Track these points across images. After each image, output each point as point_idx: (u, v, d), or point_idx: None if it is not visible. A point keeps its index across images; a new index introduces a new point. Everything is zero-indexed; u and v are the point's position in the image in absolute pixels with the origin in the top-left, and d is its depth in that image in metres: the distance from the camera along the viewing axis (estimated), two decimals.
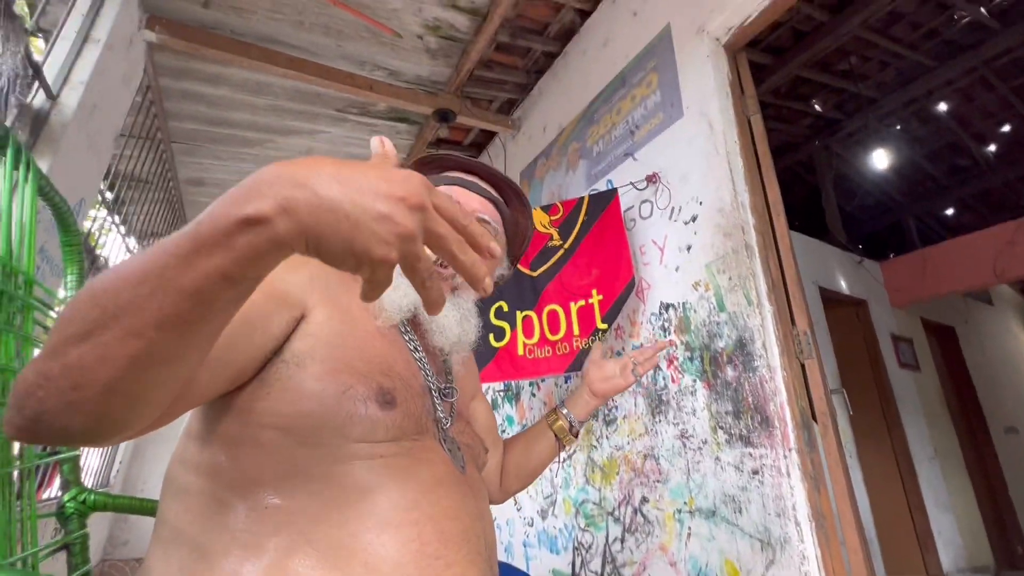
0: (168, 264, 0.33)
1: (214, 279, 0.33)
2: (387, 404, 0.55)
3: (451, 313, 0.68)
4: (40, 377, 0.34)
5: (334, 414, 0.52)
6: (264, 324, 0.53)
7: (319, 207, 0.33)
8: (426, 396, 0.63)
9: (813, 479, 1.27)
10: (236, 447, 0.51)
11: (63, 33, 1.72)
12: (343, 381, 0.54)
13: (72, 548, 0.70)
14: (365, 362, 0.57)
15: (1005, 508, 4.13)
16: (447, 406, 0.67)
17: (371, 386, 0.55)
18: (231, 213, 0.32)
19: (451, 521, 0.54)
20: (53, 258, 1.63)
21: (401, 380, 0.60)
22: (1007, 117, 3.97)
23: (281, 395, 0.52)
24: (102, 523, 4.02)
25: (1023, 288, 5.93)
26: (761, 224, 1.52)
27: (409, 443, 0.56)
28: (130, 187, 2.89)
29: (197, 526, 0.49)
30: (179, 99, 2.82)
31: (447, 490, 0.56)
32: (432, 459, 0.58)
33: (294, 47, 2.54)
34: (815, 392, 1.36)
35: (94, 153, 1.87)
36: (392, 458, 0.54)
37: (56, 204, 0.75)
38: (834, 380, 3.19)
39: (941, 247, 4.20)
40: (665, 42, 1.92)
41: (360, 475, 0.52)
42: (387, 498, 0.51)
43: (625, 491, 1.76)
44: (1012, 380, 5.04)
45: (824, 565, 1.19)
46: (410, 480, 0.54)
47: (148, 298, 0.33)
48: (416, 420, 0.58)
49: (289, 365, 0.54)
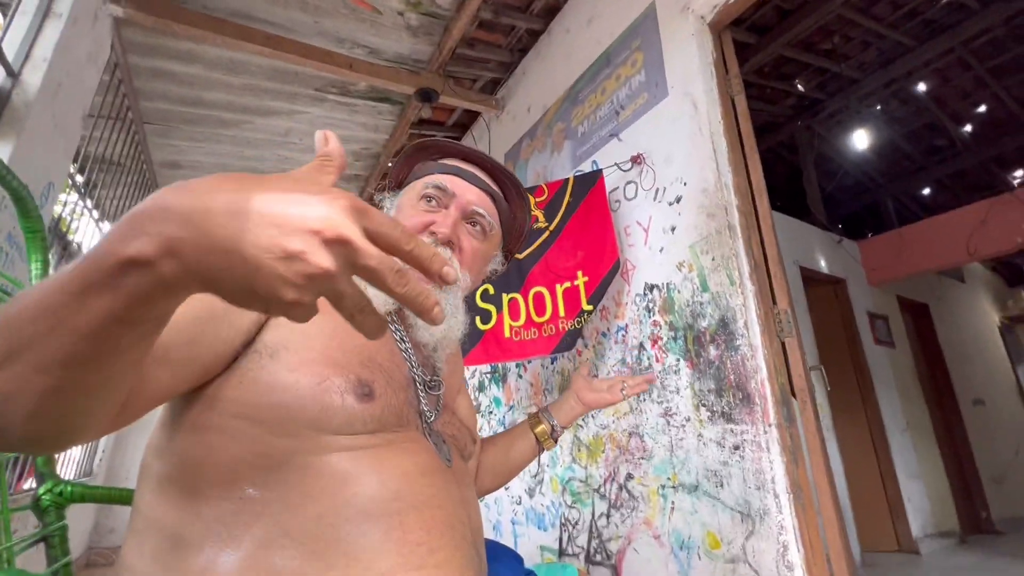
0: (61, 303, 0.31)
1: (107, 321, 0.31)
2: (365, 396, 0.54)
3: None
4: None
5: (308, 406, 0.50)
6: (231, 317, 0.51)
7: (208, 249, 0.28)
8: (409, 388, 0.62)
9: (792, 453, 1.31)
10: (205, 436, 0.50)
11: (22, 7, 1.64)
12: (319, 372, 0.52)
13: (50, 541, 0.69)
14: (344, 352, 0.55)
15: (971, 476, 4.33)
16: (432, 399, 0.65)
17: (348, 377, 0.54)
18: (113, 252, 0.29)
19: (435, 510, 0.53)
20: (23, 244, 1.58)
21: (382, 371, 0.58)
22: (983, 98, 4.04)
23: (252, 386, 0.50)
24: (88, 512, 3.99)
25: (994, 266, 6.12)
26: (744, 205, 1.53)
27: (391, 435, 0.55)
28: (102, 170, 2.80)
29: (171, 517, 0.48)
30: (150, 78, 2.72)
31: (430, 479, 0.55)
32: (415, 449, 0.56)
33: (270, 23, 2.45)
34: (795, 369, 1.40)
35: (61, 134, 1.79)
36: (373, 449, 0.53)
37: (14, 189, 0.72)
38: (813, 357, 3.28)
39: (917, 226, 4.30)
40: (650, 20, 1.90)
41: (339, 465, 0.50)
42: (367, 488, 0.50)
43: (610, 468, 1.79)
44: (981, 355, 5.24)
45: (801, 534, 1.24)
46: (392, 470, 0.52)
47: (46, 336, 0.31)
48: (397, 412, 0.57)
49: (262, 356, 0.52)
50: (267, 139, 3.35)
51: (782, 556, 1.24)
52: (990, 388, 5.09)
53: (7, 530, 0.64)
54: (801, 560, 1.22)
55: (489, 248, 0.74)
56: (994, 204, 3.87)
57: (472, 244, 0.70)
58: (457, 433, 0.69)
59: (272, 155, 3.53)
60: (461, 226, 0.69)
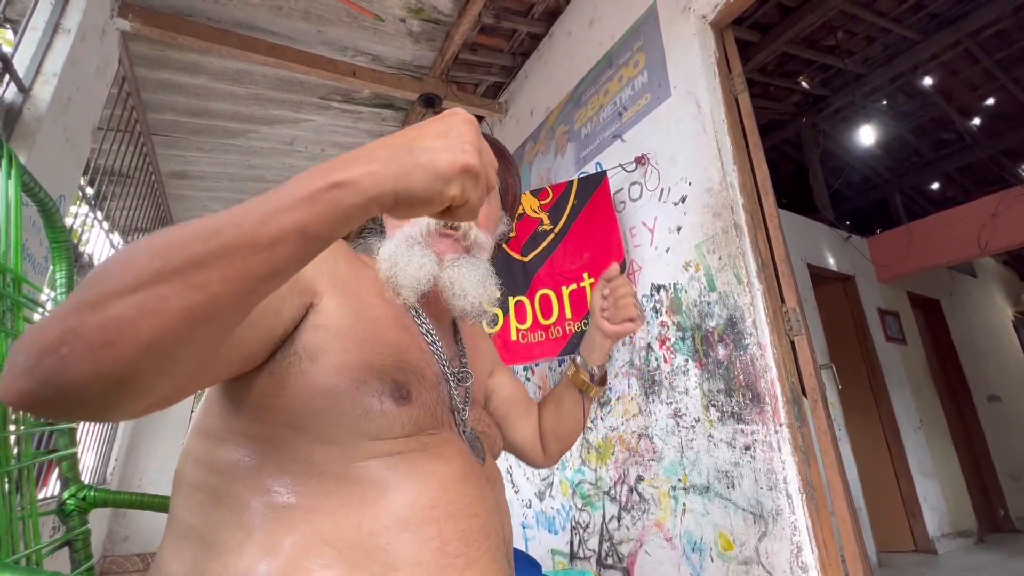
0: (246, 219, 0.34)
1: (292, 234, 0.34)
2: (402, 399, 0.54)
3: (470, 274, 0.66)
4: (66, 333, 0.30)
5: (348, 410, 0.51)
6: (277, 305, 0.51)
7: (408, 171, 0.38)
8: (441, 384, 0.62)
9: (803, 452, 1.30)
10: (251, 445, 0.50)
11: (32, 23, 1.67)
12: (356, 376, 0.53)
13: (75, 544, 0.70)
14: (378, 354, 0.56)
15: (988, 474, 4.26)
16: (462, 391, 0.65)
17: (385, 380, 0.54)
18: (320, 178, 0.36)
19: (471, 518, 0.53)
20: (34, 256, 1.60)
21: (415, 371, 0.58)
22: (991, 90, 3.99)
23: (295, 393, 0.51)
24: (101, 520, 4.02)
25: (1006, 260, 6.04)
26: (750, 203, 1.53)
27: (427, 437, 0.55)
28: (111, 182, 2.83)
29: (211, 524, 0.48)
30: (157, 90, 2.75)
31: (466, 486, 0.55)
32: (450, 454, 0.56)
33: (273, 33, 2.48)
34: (805, 368, 1.39)
35: (71, 147, 1.82)
36: (410, 454, 0.53)
37: (41, 200, 0.73)
38: (823, 355, 3.24)
39: (926, 221, 4.25)
40: (651, 21, 1.90)
41: (377, 473, 0.51)
42: (405, 496, 0.50)
43: (620, 470, 1.79)
44: (995, 350, 5.16)
45: (815, 535, 1.23)
46: (429, 477, 0.53)
47: (220, 251, 0.33)
48: (432, 412, 0.57)
49: (302, 359, 0.53)
50: (273, 148, 3.38)
51: (796, 557, 1.22)
52: (1005, 384, 5.01)
53: (36, 533, 0.65)
54: (815, 561, 1.20)
55: (494, 209, 0.76)
56: (1005, 197, 3.82)
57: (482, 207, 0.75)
58: (488, 430, 0.69)
59: (278, 163, 3.56)
60: None
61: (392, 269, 0.64)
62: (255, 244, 0.33)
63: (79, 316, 0.31)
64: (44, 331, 0.31)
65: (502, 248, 2.09)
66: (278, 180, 3.75)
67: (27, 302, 0.70)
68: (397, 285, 0.63)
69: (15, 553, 0.61)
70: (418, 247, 0.65)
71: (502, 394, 0.84)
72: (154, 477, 4.44)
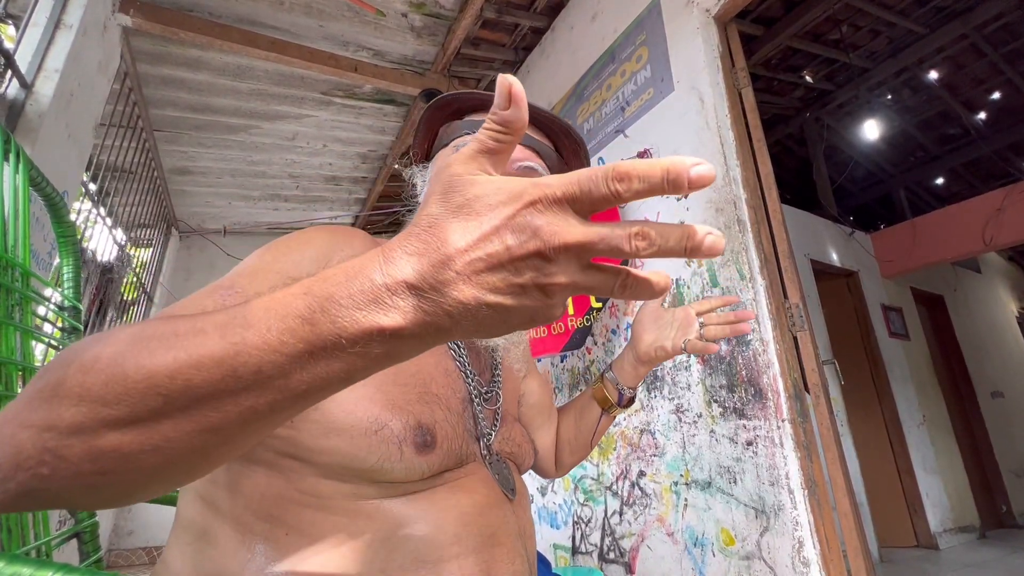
0: (272, 362, 0.27)
1: (335, 380, 0.28)
2: (425, 446, 0.49)
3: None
4: (44, 453, 0.27)
5: (364, 456, 0.46)
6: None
7: (457, 313, 0.26)
8: (466, 410, 0.57)
9: (806, 448, 1.30)
10: (253, 468, 0.47)
11: (33, 19, 1.67)
12: (376, 416, 0.47)
13: (83, 536, 0.71)
14: (401, 385, 0.51)
15: (990, 469, 4.26)
16: (490, 413, 0.60)
17: (408, 422, 0.49)
18: (363, 322, 0.26)
19: (494, 548, 0.50)
20: (38, 252, 1.61)
21: (440, 403, 0.53)
22: (997, 84, 3.96)
23: (305, 426, 0.46)
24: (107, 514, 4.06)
25: (1011, 256, 6.00)
26: (753, 198, 1.52)
27: (448, 474, 0.52)
28: (114, 178, 2.84)
29: (215, 530, 0.47)
30: (159, 85, 2.75)
31: (489, 516, 0.52)
32: (474, 485, 0.53)
33: (275, 28, 2.47)
34: (807, 363, 1.39)
35: (74, 143, 1.82)
36: (430, 491, 0.49)
37: (48, 194, 0.74)
38: (826, 351, 3.24)
39: (931, 217, 4.23)
40: (654, 15, 1.89)
41: (392, 509, 0.47)
42: (423, 533, 0.47)
43: (623, 466, 1.79)
44: (999, 346, 5.14)
45: (816, 530, 1.23)
46: (450, 511, 0.49)
47: (238, 395, 0.27)
48: (457, 454, 0.53)
49: None
50: (274, 143, 3.38)
51: (798, 552, 1.22)
52: (1009, 380, 5.00)
53: (46, 525, 0.66)
54: (817, 556, 1.21)
55: None
56: (1011, 192, 3.80)
57: None
58: (517, 449, 0.64)
59: (280, 159, 3.56)
60: None
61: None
62: (285, 390, 0.27)
63: (58, 437, 0.27)
64: (14, 441, 0.28)
65: None
66: (279, 176, 3.75)
67: (35, 296, 0.71)
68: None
69: (25, 545, 0.61)
70: None
71: (531, 399, 0.79)
72: None
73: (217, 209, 4.10)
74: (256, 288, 0.46)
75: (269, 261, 0.50)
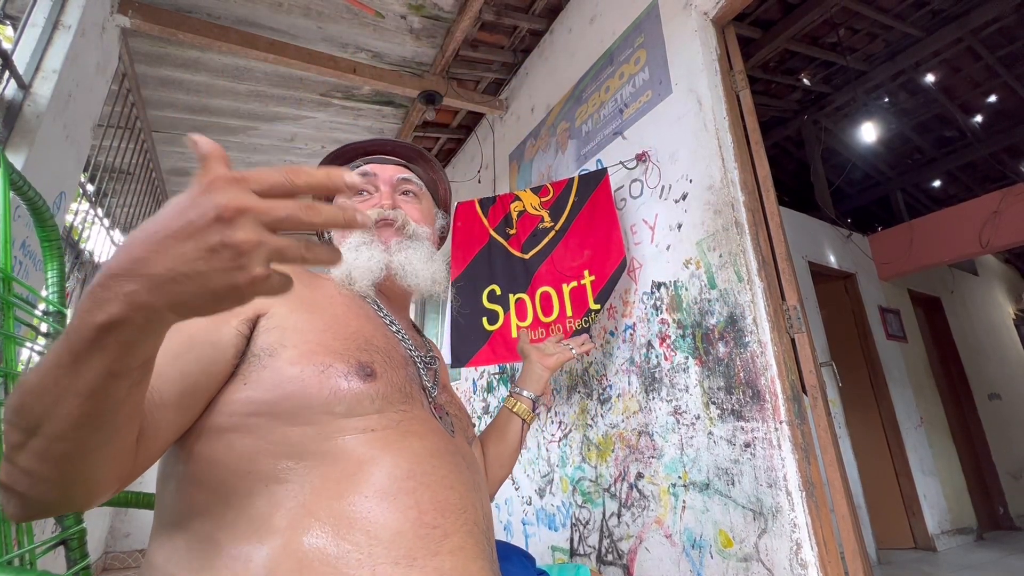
0: (60, 375, 0.35)
1: (104, 378, 0.35)
2: (368, 376, 0.56)
3: (413, 254, 0.73)
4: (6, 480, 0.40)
5: (317, 392, 0.53)
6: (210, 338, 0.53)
7: (159, 286, 0.31)
8: (408, 365, 0.65)
9: (803, 450, 1.30)
10: (223, 436, 0.52)
11: (32, 20, 1.66)
12: (321, 361, 0.55)
13: (69, 543, 0.70)
14: (341, 340, 0.58)
15: (988, 471, 4.26)
16: (431, 373, 0.69)
17: (350, 362, 0.56)
18: (88, 323, 0.33)
19: (447, 490, 0.55)
20: (35, 254, 1.60)
21: (380, 352, 0.61)
22: (993, 87, 3.98)
23: (258, 384, 0.53)
24: (103, 517, 4.04)
25: (1007, 258, 6.02)
26: (751, 201, 1.52)
27: (397, 415, 0.57)
28: (112, 179, 2.83)
29: (199, 513, 0.50)
30: (157, 86, 2.75)
31: (441, 460, 0.57)
32: (423, 431, 0.58)
33: (273, 30, 2.47)
34: (805, 365, 1.39)
35: (72, 144, 1.82)
36: (383, 431, 0.55)
37: (30, 198, 0.73)
38: (823, 353, 3.24)
39: (928, 219, 4.24)
40: (652, 17, 1.90)
41: (353, 448, 0.53)
42: (382, 469, 0.52)
43: (620, 468, 1.79)
44: (996, 348, 5.15)
45: (814, 532, 1.23)
46: (403, 451, 0.55)
47: (54, 407, 0.36)
48: (400, 389, 0.59)
49: (261, 357, 0.54)
50: (273, 145, 3.38)
51: (795, 554, 1.22)
52: (1006, 382, 5.01)
53: (30, 533, 0.65)
54: (815, 558, 1.21)
55: (427, 206, 0.83)
56: (1007, 194, 3.81)
57: (412, 207, 0.80)
58: (459, 413, 0.72)
59: (278, 160, 3.56)
60: (397, 196, 0.79)
61: (345, 268, 0.69)
62: (79, 395, 0.36)
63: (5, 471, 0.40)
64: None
65: (502, 245, 2.10)
66: None
67: (18, 301, 0.70)
68: (353, 280, 0.68)
69: (8, 553, 0.60)
70: (365, 245, 0.71)
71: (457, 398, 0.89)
72: (153, 474, 4.45)
73: None
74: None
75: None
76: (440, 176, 0.90)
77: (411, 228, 0.76)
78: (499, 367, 2.61)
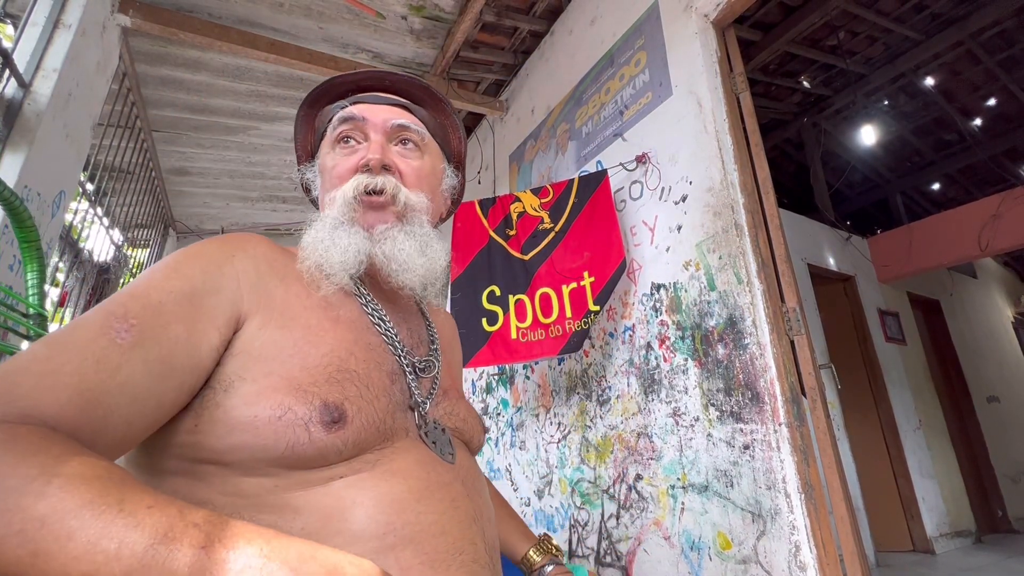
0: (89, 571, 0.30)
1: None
2: (333, 423, 0.47)
3: (406, 243, 0.59)
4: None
5: (272, 444, 0.45)
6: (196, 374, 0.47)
7: None
8: (395, 383, 0.55)
9: (802, 452, 1.30)
10: (168, 480, 0.46)
11: (32, 18, 1.66)
12: (279, 402, 0.46)
13: None
14: (307, 369, 0.49)
15: (986, 474, 4.26)
16: (426, 383, 0.59)
17: (312, 404, 0.47)
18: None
19: (436, 538, 0.48)
20: None
21: (357, 380, 0.51)
22: (993, 91, 3.99)
23: (210, 428, 0.46)
24: None
25: (1006, 261, 6.03)
26: (751, 203, 1.52)
27: (374, 455, 0.49)
28: (111, 178, 2.83)
29: None
30: (157, 86, 2.75)
31: (430, 502, 0.49)
32: (406, 467, 0.50)
33: (274, 30, 2.47)
34: (804, 368, 1.39)
35: (72, 143, 1.82)
36: (355, 476, 0.47)
37: (7, 199, 0.71)
38: (823, 355, 3.24)
39: (927, 222, 4.25)
40: (653, 19, 1.90)
41: (317, 501, 0.45)
42: (352, 525, 0.45)
43: (619, 469, 1.79)
44: (994, 351, 5.16)
45: (813, 534, 1.23)
46: (380, 499, 0.47)
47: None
48: (377, 428, 0.50)
49: (216, 392, 0.47)
50: (273, 145, 3.38)
51: (794, 557, 1.22)
52: (1004, 385, 5.01)
53: None
54: (814, 560, 1.21)
55: (431, 162, 0.67)
56: (1006, 198, 3.82)
57: (410, 164, 0.64)
58: (463, 424, 0.61)
59: (278, 160, 3.56)
60: (389, 149, 0.63)
61: (317, 257, 0.56)
62: None
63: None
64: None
65: (502, 246, 2.11)
66: (278, 177, 3.75)
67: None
68: (325, 274, 0.56)
69: None
70: (343, 227, 0.58)
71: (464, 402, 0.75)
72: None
73: (215, 210, 4.09)
74: (148, 313, 0.45)
75: (159, 280, 0.48)
76: (452, 121, 0.72)
77: (403, 198, 0.61)
78: (498, 368, 2.61)
